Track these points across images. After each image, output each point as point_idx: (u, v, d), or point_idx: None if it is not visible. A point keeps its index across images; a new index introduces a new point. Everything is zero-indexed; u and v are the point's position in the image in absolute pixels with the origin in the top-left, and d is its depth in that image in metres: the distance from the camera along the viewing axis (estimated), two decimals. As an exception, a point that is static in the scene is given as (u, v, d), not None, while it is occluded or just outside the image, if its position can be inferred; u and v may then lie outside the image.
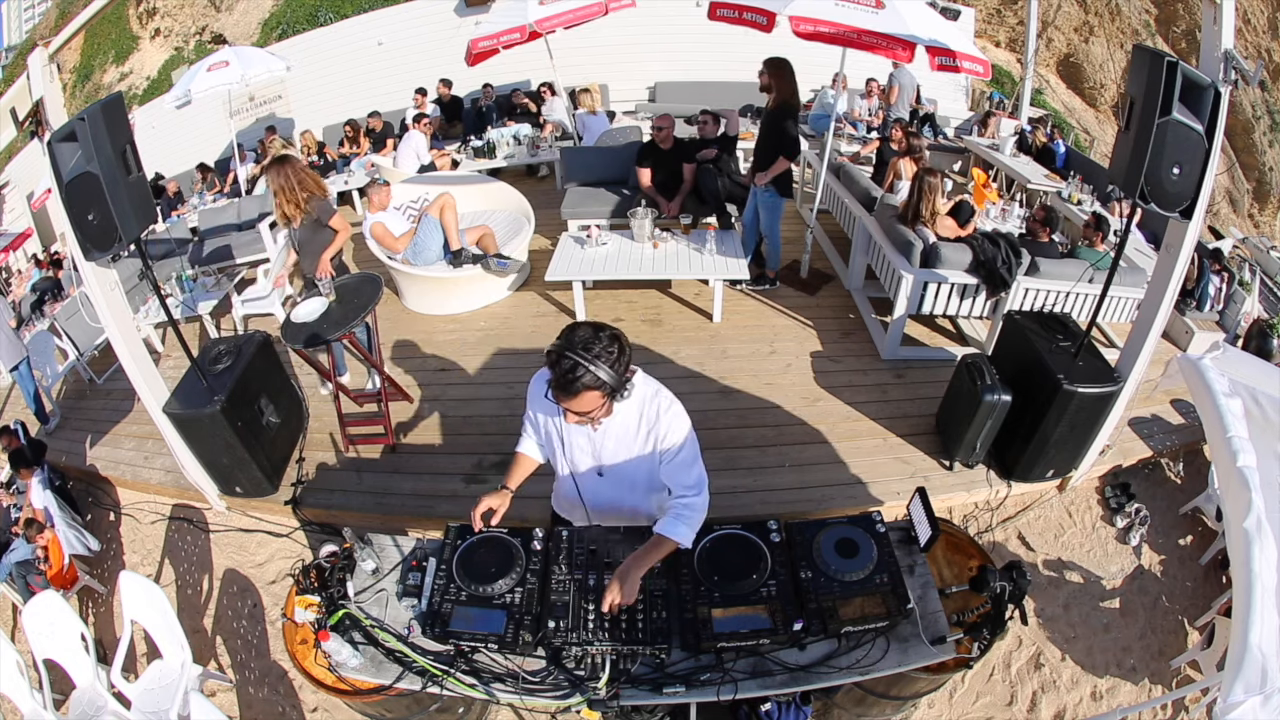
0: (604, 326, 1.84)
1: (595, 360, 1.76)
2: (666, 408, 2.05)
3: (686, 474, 2.09)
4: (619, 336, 1.84)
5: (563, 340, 1.80)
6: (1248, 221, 10.99)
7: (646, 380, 2.04)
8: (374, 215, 5.36)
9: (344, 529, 2.32)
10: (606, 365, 1.78)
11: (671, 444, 2.05)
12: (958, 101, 9.88)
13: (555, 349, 1.79)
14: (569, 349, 1.76)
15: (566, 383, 1.77)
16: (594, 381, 1.77)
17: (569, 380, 1.77)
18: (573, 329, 1.82)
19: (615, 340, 1.83)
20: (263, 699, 3.47)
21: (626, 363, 1.85)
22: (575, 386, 1.77)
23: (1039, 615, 3.55)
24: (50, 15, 13.18)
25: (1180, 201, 2.75)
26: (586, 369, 1.75)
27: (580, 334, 1.80)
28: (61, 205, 2.87)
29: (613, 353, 1.80)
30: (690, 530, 2.06)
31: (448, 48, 8.78)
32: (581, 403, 1.81)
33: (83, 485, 4.65)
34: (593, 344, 1.78)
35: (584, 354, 1.75)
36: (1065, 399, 3.37)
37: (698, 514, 2.09)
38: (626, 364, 1.85)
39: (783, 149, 4.79)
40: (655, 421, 2.04)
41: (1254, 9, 10.79)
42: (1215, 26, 2.67)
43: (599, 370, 1.76)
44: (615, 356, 1.80)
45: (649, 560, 2.02)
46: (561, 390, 1.80)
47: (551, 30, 6.40)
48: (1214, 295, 5.17)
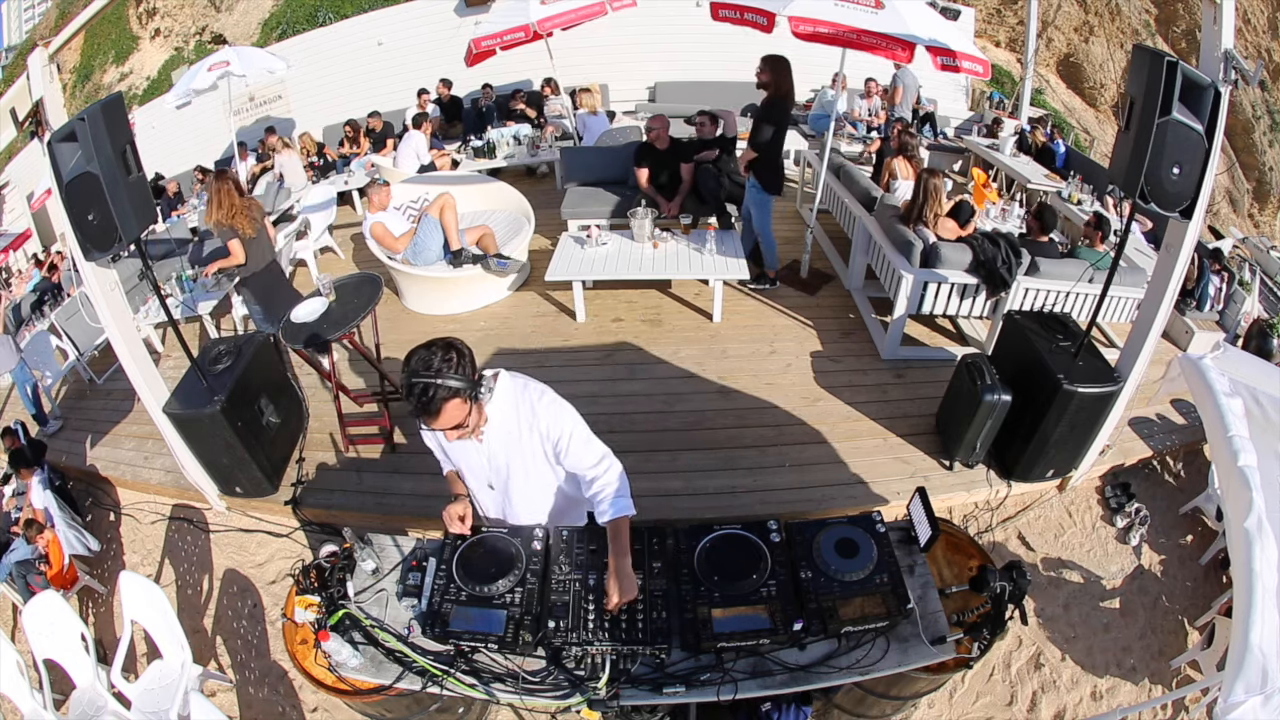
0: (434, 341, 1.88)
1: (439, 374, 1.80)
2: (539, 398, 2.08)
3: (587, 454, 2.12)
4: (452, 343, 1.89)
5: (404, 372, 1.84)
6: (1248, 221, 10.99)
7: (513, 377, 2.08)
8: (374, 215, 5.36)
9: (344, 529, 2.32)
10: (452, 373, 1.82)
11: (559, 431, 2.09)
12: (958, 101, 9.88)
13: (402, 382, 1.84)
14: (413, 375, 1.81)
15: (426, 405, 1.82)
16: (447, 394, 1.82)
17: (426, 402, 1.81)
18: (408, 358, 1.86)
19: (450, 348, 1.87)
20: (263, 699, 3.47)
21: (470, 363, 1.90)
22: (434, 405, 1.82)
23: (1039, 615, 3.55)
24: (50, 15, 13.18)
25: (1180, 201, 2.75)
26: (434, 384, 1.80)
27: (417, 358, 1.84)
28: (61, 205, 2.87)
29: (450, 359, 1.84)
30: (627, 500, 2.12)
31: (448, 48, 8.78)
32: (449, 418, 1.86)
33: (83, 485, 4.64)
34: (430, 360, 1.82)
35: (426, 373, 1.80)
36: (1065, 399, 3.37)
37: (621, 482, 2.14)
38: (470, 364, 1.89)
39: (752, 140, 4.83)
40: (534, 416, 2.07)
41: (1254, 9, 10.79)
42: (1215, 26, 2.67)
43: (448, 381, 1.81)
44: (455, 362, 1.85)
45: (624, 549, 2.05)
46: (427, 415, 1.84)
47: (551, 32, 6.41)
48: (1214, 295, 5.17)
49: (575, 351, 4.94)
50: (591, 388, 4.50)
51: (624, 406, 4.39)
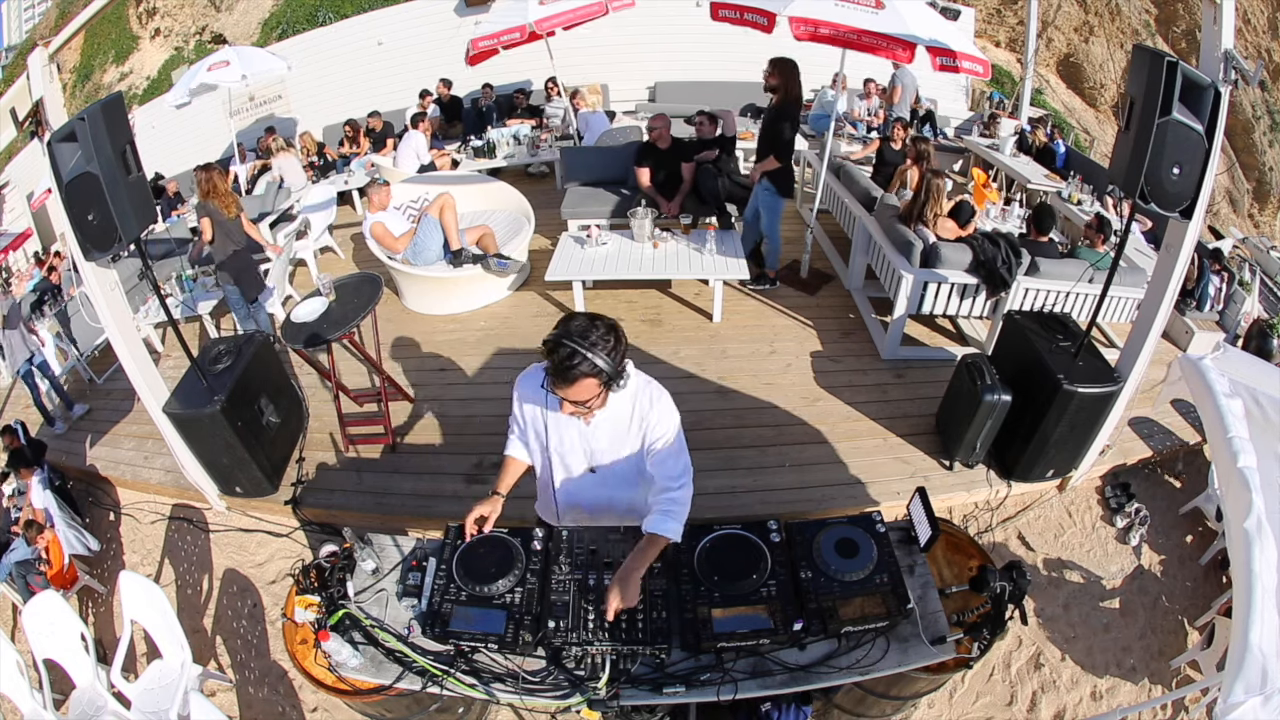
0: (600, 317, 1.87)
1: (593, 348, 1.78)
2: (658, 397, 2.07)
3: (674, 463, 2.11)
4: (615, 326, 1.87)
5: (560, 329, 1.82)
6: (1248, 221, 10.99)
7: (638, 373, 2.06)
8: (374, 215, 5.36)
9: (344, 529, 2.32)
10: (604, 353, 1.80)
11: (661, 433, 2.07)
12: (958, 101, 9.88)
13: (552, 337, 1.81)
14: (566, 336, 1.78)
15: (564, 369, 1.79)
16: (591, 369, 1.79)
17: (567, 368, 1.78)
18: (569, 318, 1.85)
19: (612, 330, 1.85)
20: (263, 699, 3.47)
21: (623, 352, 1.88)
22: (573, 374, 1.79)
23: (1039, 615, 3.55)
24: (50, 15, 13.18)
25: (1180, 201, 2.75)
26: (584, 356, 1.77)
27: (577, 323, 1.82)
28: (61, 205, 2.87)
29: (609, 341, 1.82)
30: (679, 525, 2.07)
31: (448, 48, 8.78)
32: (579, 391, 1.83)
33: (83, 485, 4.64)
34: (589, 332, 1.80)
35: (581, 341, 1.78)
36: (1065, 399, 3.37)
37: (683, 507, 2.11)
38: (623, 353, 1.88)
39: (775, 149, 4.80)
40: (648, 410, 2.06)
41: (1254, 9, 10.79)
42: (1215, 26, 2.67)
43: (596, 357, 1.78)
44: (612, 345, 1.83)
45: (645, 561, 2.03)
46: (559, 378, 1.81)
47: (551, 31, 6.41)
48: (1214, 295, 5.17)
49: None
50: (591, 388, 4.49)
51: (624, 406, 4.39)
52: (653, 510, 2.10)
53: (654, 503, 2.12)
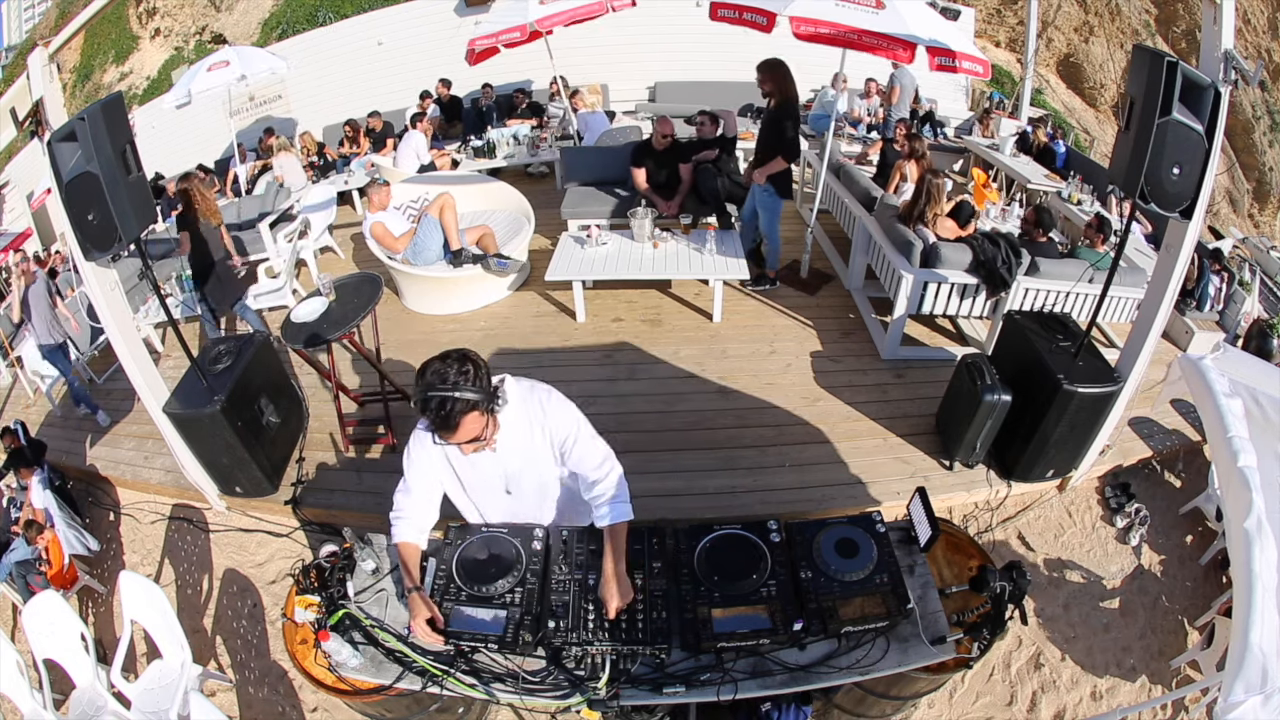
0: (449, 353, 1.85)
1: (456, 387, 1.78)
2: (546, 400, 2.07)
3: (591, 454, 2.12)
4: (467, 355, 1.86)
5: (419, 384, 1.81)
6: (1248, 221, 10.99)
7: (518, 381, 2.06)
8: (374, 215, 5.36)
9: (344, 529, 2.32)
10: (469, 386, 1.80)
11: (566, 430, 2.08)
12: (958, 101, 9.88)
13: (418, 396, 1.81)
14: (430, 389, 1.78)
15: (445, 419, 1.79)
16: (466, 406, 1.80)
17: (445, 416, 1.79)
18: (422, 371, 1.83)
19: (465, 359, 1.84)
20: (263, 699, 3.47)
21: (485, 375, 1.87)
22: (453, 419, 1.80)
23: (1039, 615, 3.55)
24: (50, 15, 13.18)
25: (1180, 201, 2.75)
26: (452, 398, 1.77)
27: (432, 370, 1.81)
28: (61, 205, 2.87)
29: (467, 372, 1.81)
30: (626, 505, 2.12)
31: (448, 48, 8.78)
32: (467, 430, 1.84)
33: (83, 485, 4.64)
34: (446, 373, 1.79)
35: (444, 386, 1.78)
36: (1065, 399, 3.37)
37: (621, 486, 2.14)
38: (486, 376, 1.87)
39: (781, 149, 4.79)
40: (543, 415, 2.06)
41: (1254, 9, 10.79)
42: (1215, 26, 2.67)
43: (465, 394, 1.78)
44: (471, 375, 1.82)
45: (620, 554, 2.05)
46: (444, 429, 1.82)
47: (551, 30, 6.40)
48: (1214, 295, 5.17)
49: (575, 351, 4.94)
50: (591, 388, 4.50)
51: (624, 406, 4.39)
52: (596, 506, 2.14)
53: (592, 498, 2.15)
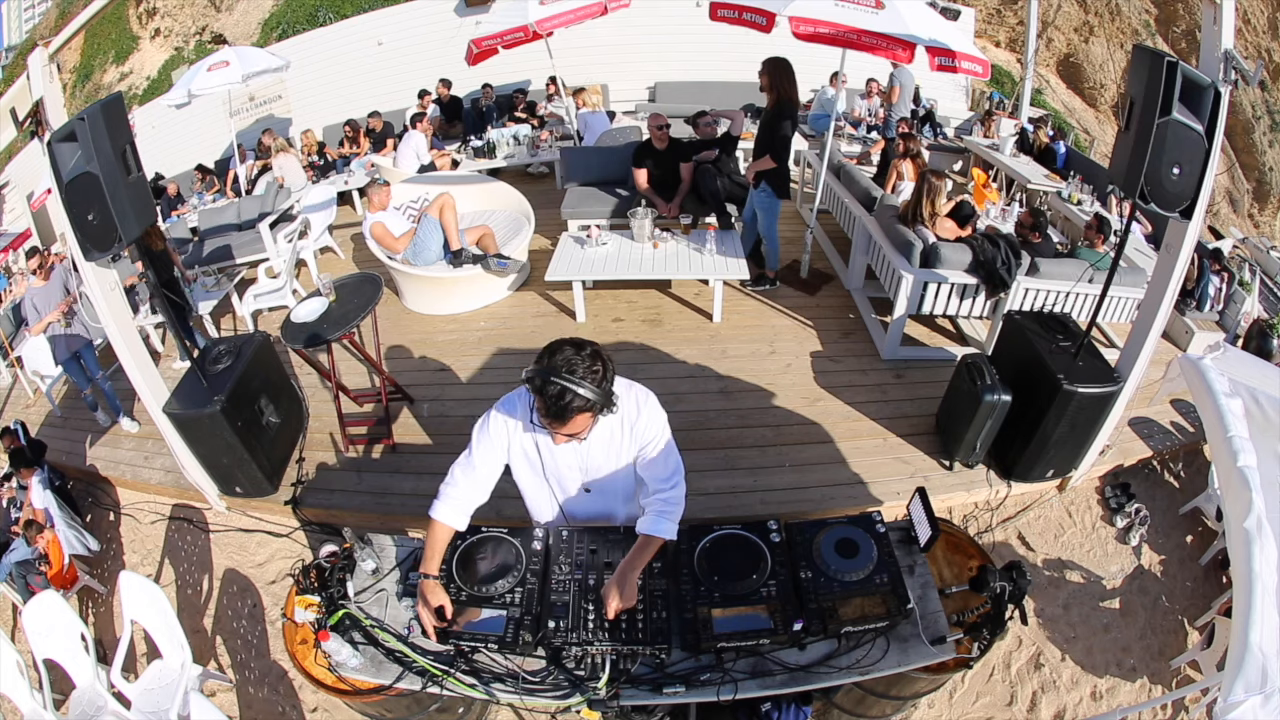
0: (583, 344, 1.79)
1: (582, 382, 1.72)
2: (644, 400, 2.04)
3: (664, 465, 2.09)
4: (599, 353, 1.80)
5: (544, 364, 1.74)
6: (1248, 221, 10.99)
7: (619, 380, 1.99)
8: (374, 215, 5.36)
9: (344, 529, 2.32)
10: (593, 385, 1.74)
11: (652, 435, 2.05)
12: (958, 101, 9.89)
13: (538, 374, 1.73)
14: (553, 374, 1.71)
15: (559, 410, 1.73)
16: (584, 405, 1.74)
17: (561, 408, 1.73)
18: (553, 351, 1.76)
19: (597, 357, 1.78)
20: (263, 699, 3.47)
21: (611, 378, 1.82)
22: (568, 414, 1.74)
23: (1039, 615, 3.55)
24: (50, 15, 13.17)
25: (1180, 201, 2.75)
26: (575, 393, 1.71)
27: (563, 355, 1.74)
28: (61, 205, 2.87)
29: (597, 371, 1.76)
30: (673, 525, 2.07)
31: (448, 48, 8.78)
32: (574, 426, 1.79)
33: (83, 485, 4.64)
34: (576, 365, 1.73)
35: (569, 377, 1.71)
36: (1065, 399, 3.37)
37: (677, 507, 2.10)
38: (611, 379, 1.82)
39: (770, 149, 4.80)
40: (636, 417, 2.03)
41: (1254, 9, 10.78)
42: (1215, 26, 2.67)
43: (587, 392, 1.72)
44: (600, 375, 1.77)
45: (641, 562, 2.03)
46: (553, 418, 1.76)
47: (551, 31, 6.40)
48: (1214, 295, 5.17)
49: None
50: (591, 388, 4.49)
51: (624, 406, 4.38)
52: (646, 511, 2.10)
53: (646, 503, 2.11)
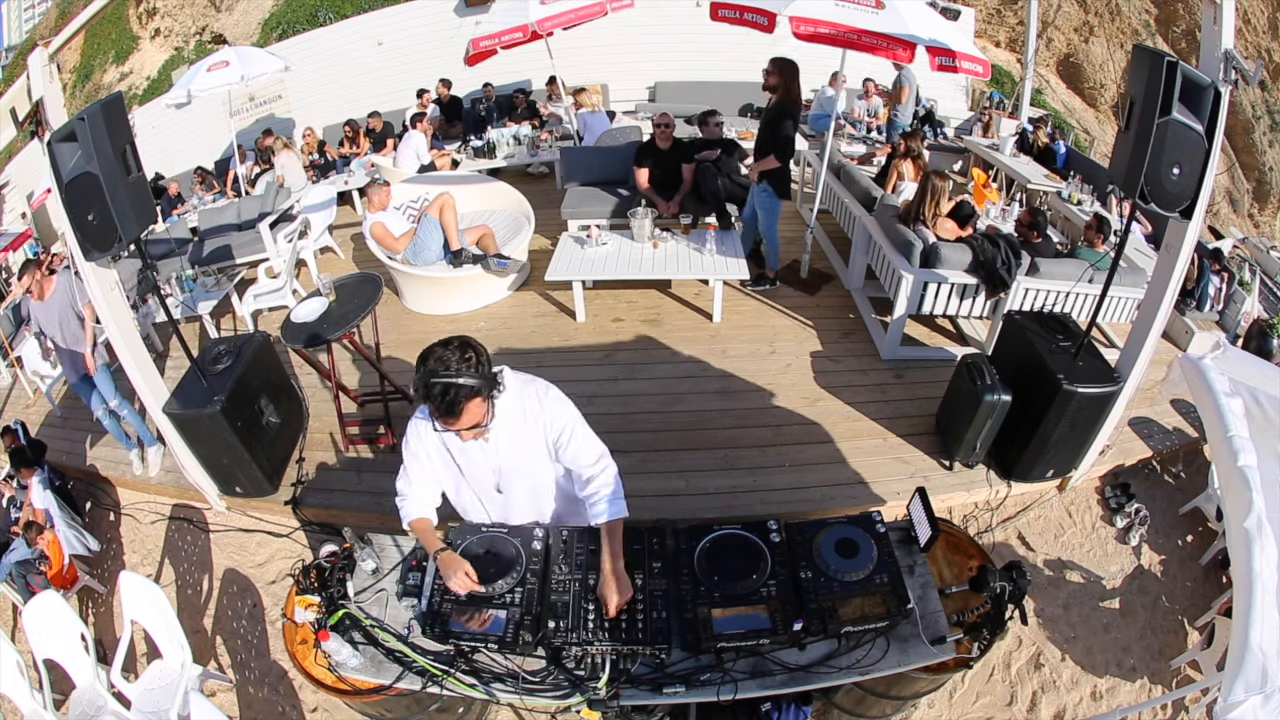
0: (449, 340, 1.88)
1: (459, 373, 1.80)
2: (544, 394, 2.10)
3: (586, 451, 2.14)
4: (468, 342, 1.88)
5: (421, 371, 1.83)
6: (1248, 221, 10.99)
7: (516, 374, 2.08)
8: (374, 215, 5.36)
9: (344, 529, 2.32)
10: (471, 372, 1.83)
11: (560, 426, 2.10)
12: (958, 101, 9.89)
13: (420, 382, 1.82)
14: (432, 376, 1.80)
15: (449, 405, 1.82)
16: (469, 392, 1.82)
17: (449, 402, 1.81)
18: (424, 358, 1.85)
19: (467, 346, 1.87)
20: (263, 699, 3.47)
21: (487, 362, 1.90)
22: (457, 406, 1.82)
23: (1039, 615, 3.55)
24: (50, 15, 13.17)
25: (1180, 201, 2.75)
26: (455, 384, 1.80)
27: (434, 357, 1.83)
28: (61, 205, 2.87)
29: (469, 359, 1.84)
30: (621, 501, 2.13)
31: (448, 48, 8.79)
32: (469, 417, 1.86)
33: (83, 485, 4.64)
34: (449, 360, 1.82)
35: (446, 373, 1.80)
36: (1065, 399, 3.37)
37: (616, 483, 2.15)
38: (486, 362, 1.90)
39: (775, 148, 4.79)
40: (539, 409, 2.08)
41: (1254, 9, 10.78)
42: (1215, 26, 2.67)
43: (467, 380, 1.81)
44: (474, 361, 1.85)
45: (618, 552, 2.06)
46: (447, 414, 1.84)
47: (551, 31, 6.41)
48: (1214, 295, 5.17)
49: (575, 351, 4.93)
50: (591, 388, 4.49)
51: (624, 406, 4.39)
52: (591, 503, 2.14)
53: (587, 495, 2.16)
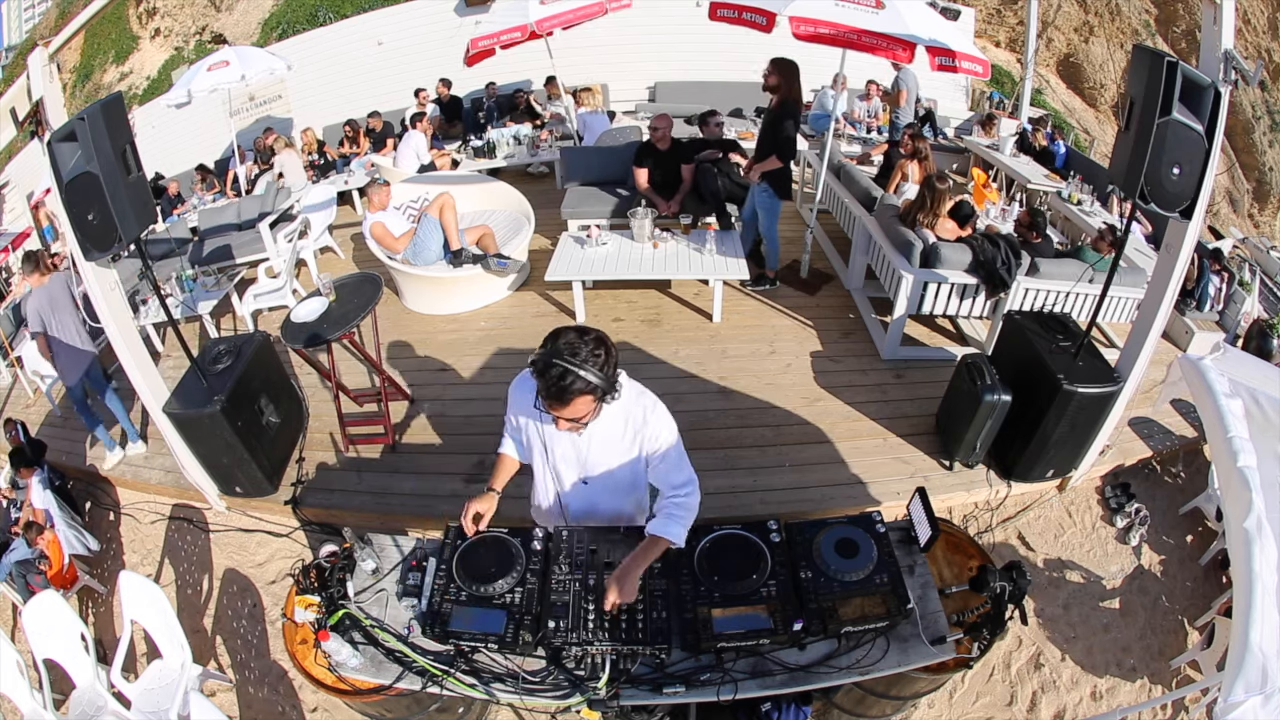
0: (588, 330, 1.82)
1: (584, 365, 1.74)
2: (652, 408, 2.05)
3: (678, 474, 2.11)
4: (604, 339, 1.83)
5: (548, 348, 1.78)
6: (1248, 221, 10.99)
7: (630, 383, 2.02)
8: (374, 215, 5.36)
9: (344, 529, 2.32)
10: (595, 369, 1.76)
11: (660, 445, 2.07)
12: (958, 101, 9.88)
13: (541, 357, 1.76)
14: (556, 356, 1.74)
15: (559, 391, 1.75)
16: (585, 387, 1.76)
17: (561, 389, 1.75)
18: (557, 335, 1.80)
19: (601, 343, 1.81)
20: (263, 699, 3.47)
21: (614, 364, 1.84)
22: (568, 395, 1.75)
23: (1039, 615, 3.55)
24: (50, 15, 13.17)
25: (1180, 201, 2.75)
26: (576, 375, 1.73)
27: (566, 340, 1.77)
28: (61, 205, 2.87)
29: (600, 356, 1.78)
30: (684, 530, 2.07)
31: (448, 48, 8.78)
32: (574, 409, 1.80)
33: (83, 485, 4.64)
34: (579, 349, 1.75)
35: (572, 360, 1.73)
36: (1065, 399, 3.37)
37: (690, 514, 2.10)
38: (614, 365, 1.84)
39: (777, 148, 4.79)
40: (642, 424, 2.04)
41: (1254, 9, 10.78)
42: (1215, 26, 2.67)
43: (589, 375, 1.74)
44: (603, 360, 1.79)
45: (645, 561, 2.03)
46: (554, 399, 1.78)
47: (550, 31, 6.41)
48: (1214, 295, 5.17)
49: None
50: (591, 388, 4.49)
51: (624, 406, 4.38)
52: (658, 513, 2.11)
53: (660, 506, 2.12)
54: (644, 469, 2.13)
